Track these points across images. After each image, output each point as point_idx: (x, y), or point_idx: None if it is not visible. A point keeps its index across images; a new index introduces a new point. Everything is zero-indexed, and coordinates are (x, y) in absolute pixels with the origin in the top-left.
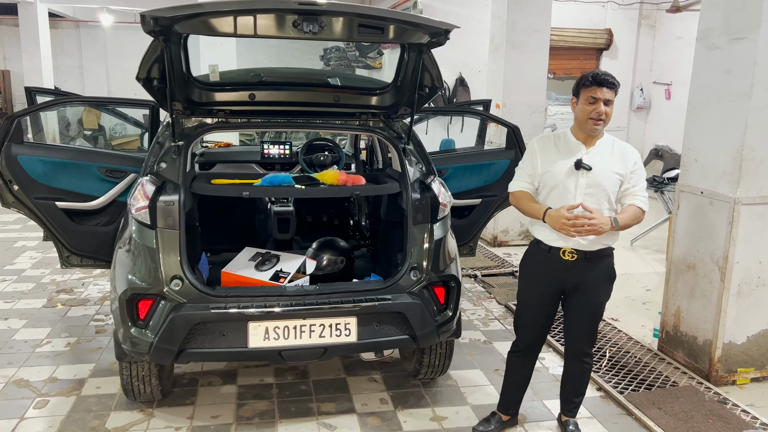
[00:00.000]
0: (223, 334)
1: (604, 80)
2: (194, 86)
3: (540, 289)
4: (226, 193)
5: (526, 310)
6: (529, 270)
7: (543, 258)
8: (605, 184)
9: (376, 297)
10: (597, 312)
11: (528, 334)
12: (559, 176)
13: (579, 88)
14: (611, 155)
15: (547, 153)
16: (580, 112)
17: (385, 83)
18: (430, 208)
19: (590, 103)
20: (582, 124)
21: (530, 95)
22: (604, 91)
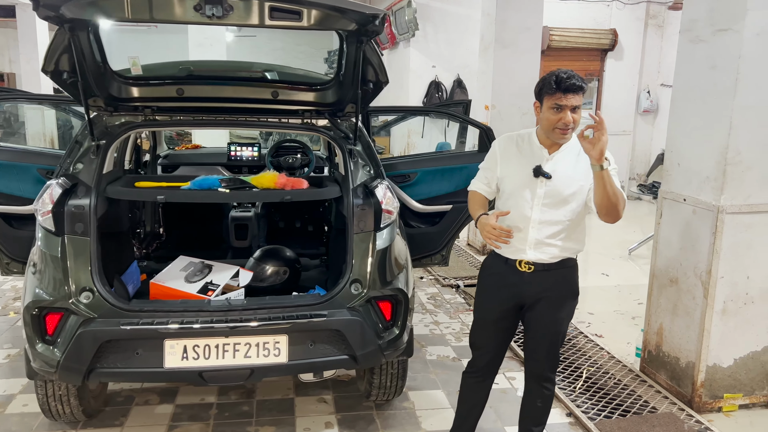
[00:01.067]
0: (137, 353)
1: (570, 86)
2: (114, 80)
3: (498, 303)
4: (140, 197)
5: (484, 326)
6: (486, 282)
7: (500, 269)
8: (566, 192)
9: (309, 313)
10: (558, 330)
11: (485, 352)
12: (517, 183)
13: (542, 93)
14: (576, 162)
15: (508, 156)
16: (544, 120)
17: (327, 78)
18: (374, 215)
19: (555, 112)
20: (548, 132)
21: (521, 96)
22: (569, 98)
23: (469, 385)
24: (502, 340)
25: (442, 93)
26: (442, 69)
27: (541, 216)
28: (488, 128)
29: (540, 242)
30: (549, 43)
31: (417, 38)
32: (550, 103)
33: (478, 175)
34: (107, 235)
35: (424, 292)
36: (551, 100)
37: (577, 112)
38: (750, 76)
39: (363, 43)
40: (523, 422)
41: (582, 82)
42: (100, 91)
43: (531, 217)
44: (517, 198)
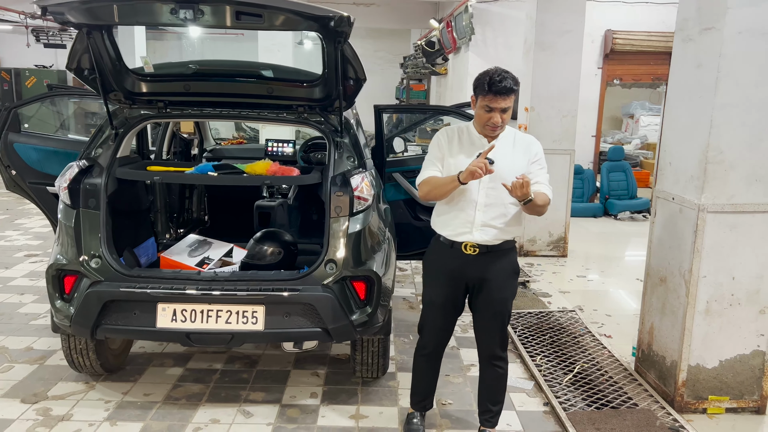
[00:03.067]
0: (135, 313)
1: (500, 89)
2: (130, 77)
3: (444, 287)
4: (139, 177)
5: (432, 310)
6: (432, 266)
7: (446, 253)
8: (508, 178)
9: (285, 287)
10: (505, 309)
11: (434, 334)
12: (461, 169)
13: (476, 92)
14: (513, 148)
15: (453, 146)
16: (477, 116)
17: (316, 75)
18: (349, 202)
19: (486, 111)
20: (480, 127)
21: (561, 99)
22: (499, 101)
23: (421, 365)
24: (450, 322)
25: None
26: None
27: (486, 199)
28: None
29: (485, 224)
30: (612, 47)
31: (476, 42)
32: (482, 103)
33: (427, 167)
34: (124, 212)
35: None
36: (483, 100)
37: (507, 113)
38: (731, 75)
39: (340, 42)
40: (482, 402)
41: (513, 85)
42: (118, 86)
43: (477, 200)
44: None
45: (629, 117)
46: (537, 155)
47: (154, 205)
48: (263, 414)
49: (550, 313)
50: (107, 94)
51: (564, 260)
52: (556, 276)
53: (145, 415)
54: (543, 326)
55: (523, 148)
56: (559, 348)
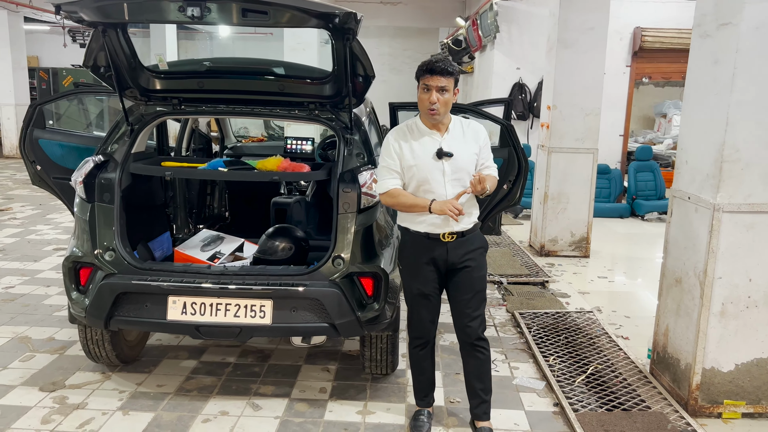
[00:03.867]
0: (146, 305)
1: (435, 67)
2: (145, 74)
3: (428, 276)
4: (151, 172)
5: (419, 303)
6: (411, 259)
7: (423, 244)
8: (467, 167)
9: (292, 282)
10: (483, 287)
11: (424, 326)
12: (426, 168)
13: (417, 76)
14: (464, 136)
15: (407, 146)
16: (419, 102)
17: (326, 72)
18: (357, 198)
19: (425, 92)
20: (424, 114)
21: (584, 97)
22: (437, 79)
23: (418, 360)
24: (437, 311)
25: (526, 95)
26: (526, 71)
27: (453, 191)
28: (509, 125)
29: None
30: (641, 44)
31: (501, 41)
32: (421, 84)
33: (383, 174)
34: (140, 206)
35: None
36: (422, 81)
37: (446, 94)
38: (747, 71)
39: (348, 39)
40: (473, 393)
41: (448, 67)
42: (133, 84)
43: (446, 194)
44: (431, 181)
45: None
46: (485, 140)
47: (174, 200)
48: (272, 407)
49: (567, 313)
50: (123, 91)
51: (586, 261)
52: (576, 277)
53: (156, 405)
54: (559, 327)
55: (472, 136)
56: (574, 349)
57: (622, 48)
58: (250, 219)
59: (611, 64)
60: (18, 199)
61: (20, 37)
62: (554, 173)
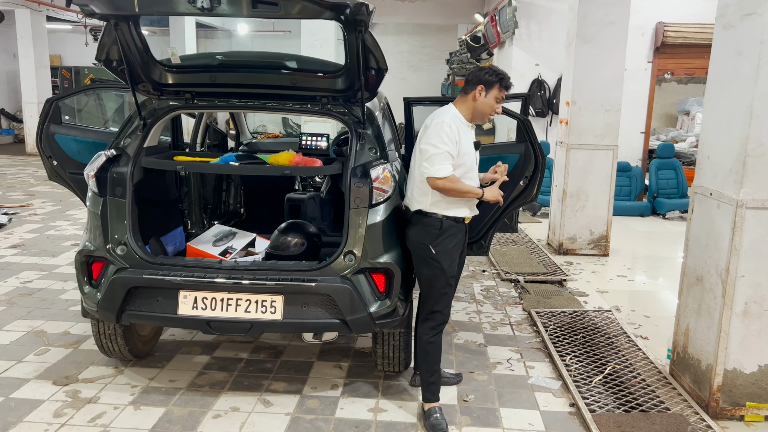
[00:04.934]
0: (158, 300)
1: (510, 85)
2: (157, 68)
3: (455, 259)
4: (164, 166)
5: (450, 285)
6: (450, 245)
7: (457, 229)
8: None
9: (303, 278)
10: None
11: (450, 306)
12: (471, 157)
13: (495, 84)
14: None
15: (463, 136)
16: (486, 105)
17: (338, 66)
18: (369, 193)
19: (497, 102)
20: (479, 114)
21: (604, 93)
22: (504, 95)
23: (438, 342)
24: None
25: (545, 91)
26: (545, 67)
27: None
28: (527, 120)
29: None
30: (663, 40)
31: (520, 37)
32: (499, 95)
33: (443, 158)
34: (152, 201)
35: (481, 285)
36: (499, 92)
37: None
38: None
39: (360, 32)
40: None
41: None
42: (146, 78)
43: (477, 181)
44: (472, 169)
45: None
46: None
47: (188, 196)
48: (283, 404)
49: (585, 312)
50: (136, 85)
51: (605, 259)
52: (595, 275)
53: (168, 400)
54: (576, 326)
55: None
56: (591, 348)
57: (643, 44)
58: (265, 215)
59: (632, 60)
60: (39, 196)
61: (43, 35)
62: (573, 170)
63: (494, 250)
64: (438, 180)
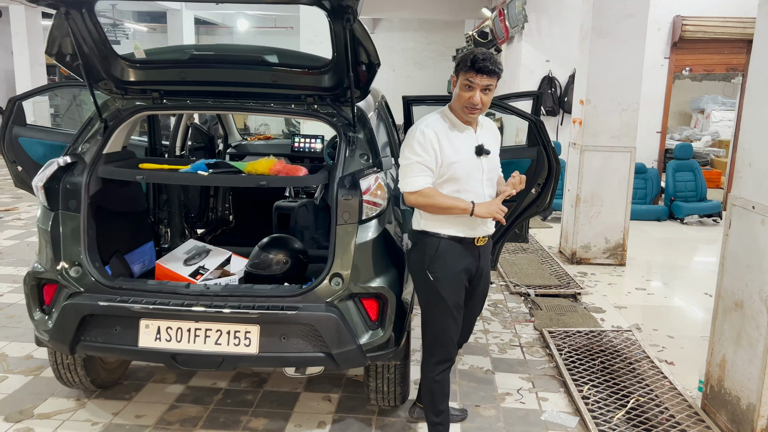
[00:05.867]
0: (116, 329)
1: (482, 67)
2: (119, 64)
3: (461, 286)
4: (122, 176)
5: (453, 316)
6: (446, 268)
7: (457, 250)
8: (497, 165)
9: (282, 305)
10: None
11: (453, 343)
12: (467, 166)
13: (458, 69)
14: (490, 134)
15: (447, 141)
16: (457, 96)
17: (325, 60)
18: (358, 207)
19: (467, 89)
20: (460, 109)
21: (621, 91)
22: (481, 78)
23: (445, 382)
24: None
25: (556, 89)
26: (556, 64)
27: (488, 190)
28: (539, 120)
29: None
30: (681, 34)
31: (529, 32)
32: (463, 80)
33: (413, 171)
34: (116, 214)
35: (488, 299)
36: (465, 77)
37: (488, 94)
38: None
39: (348, 21)
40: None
41: (496, 67)
42: (106, 74)
43: (483, 194)
44: (470, 180)
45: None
46: (499, 138)
47: (169, 203)
48: None
49: (603, 332)
50: (95, 83)
51: (622, 269)
52: (611, 288)
53: None
54: (593, 348)
55: (492, 134)
56: (611, 376)
57: (660, 38)
58: (256, 223)
59: (648, 55)
60: (27, 199)
61: (38, 32)
62: (587, 173)
63: (502, 259)
64: (409, 195)
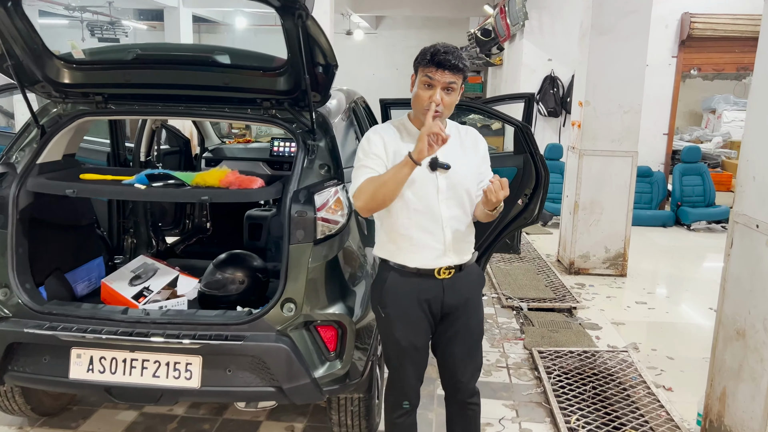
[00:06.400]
0: (45, 359)
1: (443, 60)
2: (54, 64)
3: (417, 325)
4: (48, 189)
5: (405, 357)
6: (398, 303)
7: (413, 283)
8: (465, 182)
9: (225, 334)
10: (481, 332)
11: (411, 387)
12: (418, 180)
13: (416, 64)
14: (462, 145)
15: (393, 150)
16: (415, 97)
17: (280, 61)
18: (312, 225)
19: (426, 87)
20: (419, 113)
21: (622, 92)
22: (443, 74)
23: (408, 425)
24: (424, 364)
25: (558, 89)
26: (558, 62)
27: (449, 211)
28: (525, 126)
29: (458, 241)
30: (689, 32)
31: (531, 29)
32: (422, 76)
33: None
34: (55, 227)
35: None
36: (424, 73)
37: (452, 95)
38: None
39: (300, 17)
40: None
41: (459, 62)
42: (42, 76)
43: (441, 215)
44: (424, 197)
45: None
46: (485, 150)
47: (134, 212)
48: None
49: (597, 353)
50: (32, 86)
51: (622, 281)
52: (610, 302)
53: None
54: (585, 371)
55: (471, 144)
56: (603, 404)
57: (667, 36)
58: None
59: (655, 54)
60: None
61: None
62: (586, 179)
63: (497, 269)
64: (354, 201)
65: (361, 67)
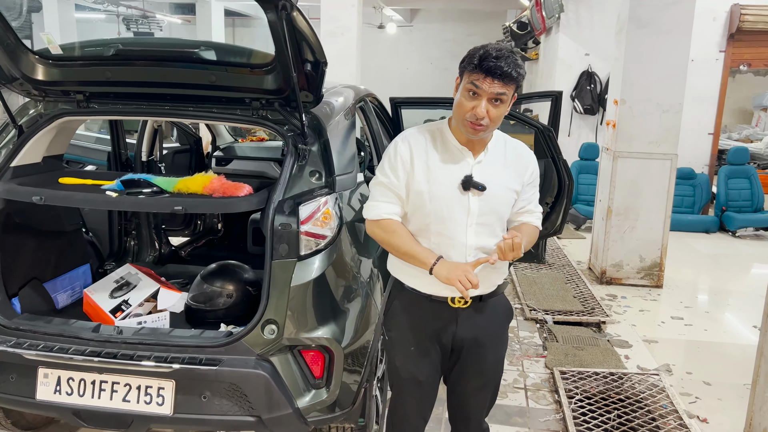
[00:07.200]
0: (12, 378)
1: (494, 68)
2: (30, 60)
3: (424, 356)
4: (17, 196)
5: (407, 390)
6: (403, 331)
7: (423, 309)
8: (501, 208)
9: (201, 358)
10: (500, 370)
11: (411, 423)
12: (445, 200)
13: (462, 67)
14: (505, 164)
15: (422, 162)
16: (457, 106)
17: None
18: (295, 239)
19: (470, 97)
20: (459, 122)
21: (662, 90)
22: (492, 84)
23: None
24: (430, 401)
25: (596, 85)
26: (596, 57)
27: (477, 240)
28: (547, 128)
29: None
30: (739, 25)
31: (567, 22)
32: (467, 82)
33: (378, 194)
34: (36, 233)
35: None
36: (469, 77)
37: (500, 107)
38: None
39: (285, 10)
40: None
41: (514, 70)
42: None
43: (466, 243)
44: (447, 221)
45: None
46: (533, 174)
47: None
48: None
49: (625, 375)
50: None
51: (657, 292)
52: (642, 316)
53: None
54: (611, 396)
55: (514, 164)
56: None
57: (715, 30)
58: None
59: (701, 49)
60: None
61: (71, 25)
62: (620, 183)
63: (522, 276)
64: (369, 223)
65: (394, 62)
